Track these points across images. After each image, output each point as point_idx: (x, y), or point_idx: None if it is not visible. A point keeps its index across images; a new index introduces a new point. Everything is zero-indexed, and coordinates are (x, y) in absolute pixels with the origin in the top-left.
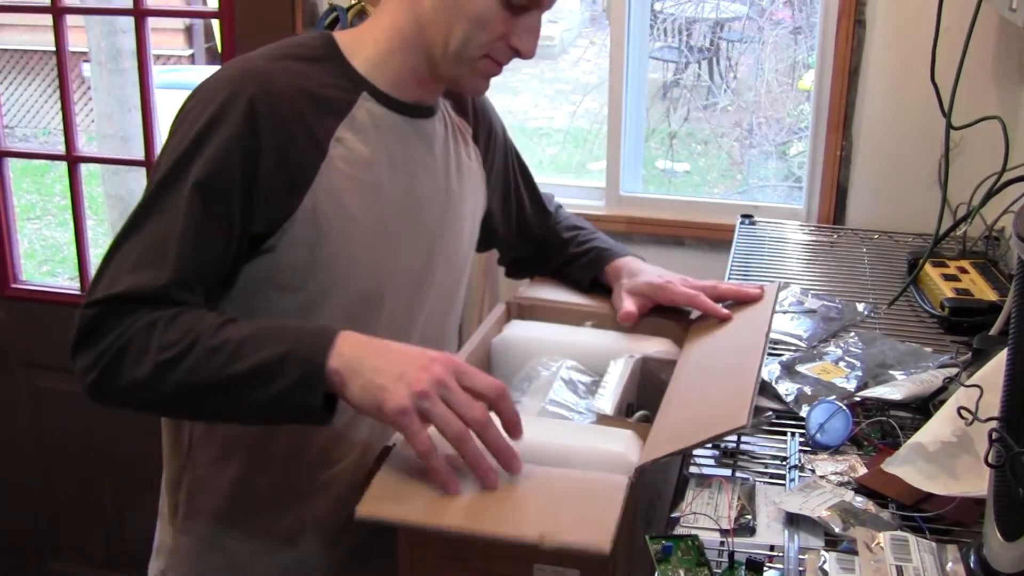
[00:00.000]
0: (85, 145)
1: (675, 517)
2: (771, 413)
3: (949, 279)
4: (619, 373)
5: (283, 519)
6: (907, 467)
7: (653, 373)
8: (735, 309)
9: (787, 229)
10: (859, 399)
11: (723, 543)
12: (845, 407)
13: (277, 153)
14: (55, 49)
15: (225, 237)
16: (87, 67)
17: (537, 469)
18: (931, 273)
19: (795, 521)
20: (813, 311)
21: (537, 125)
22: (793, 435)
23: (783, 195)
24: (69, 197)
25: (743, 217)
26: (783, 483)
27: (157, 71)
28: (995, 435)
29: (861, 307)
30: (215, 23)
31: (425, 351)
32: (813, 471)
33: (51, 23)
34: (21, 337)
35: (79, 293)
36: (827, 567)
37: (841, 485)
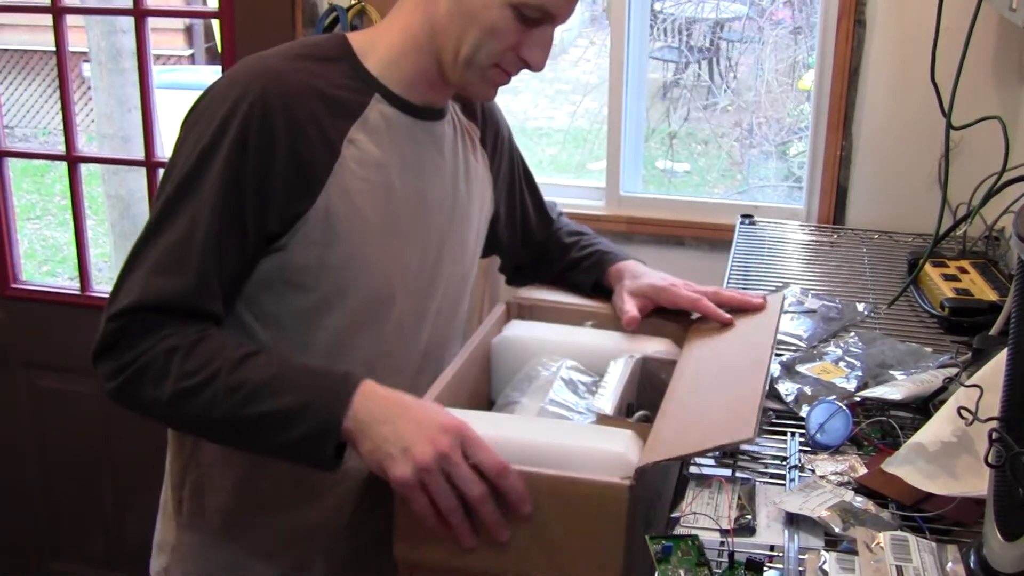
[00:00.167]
0: (85, 145)
1: (675, 517)
2: (771, 413)
3: (949, 279)
4: (619, 373)
5: (287, 518)
6: (907, 467)
7: (653, 373)
8: (737, 316)
9: (787, 229)
10: (859, 399)
11: (723, 543)
12: (845, 407)
13: (290, 152)
14: (55, 49)
15: (243, 237)
16: (87, 67)
17: (535, 482)
18: (931, 273)
19: (795, 521)
20: (813, 311)
21: (537, 125)
22: (793, 435)
23: (783, 195)
24: (69, 197)
25: (743, 217)
26: (783, 483)
27: (157, 71)
28: (995, 435)
29: (861, 307)
30: (215, 23)
31: (437, 417)
32: (813, 471)
33: (51, 23)
34: (21, 337)
35: (79, 293)
36: (827, 567)
37: (841, 485)
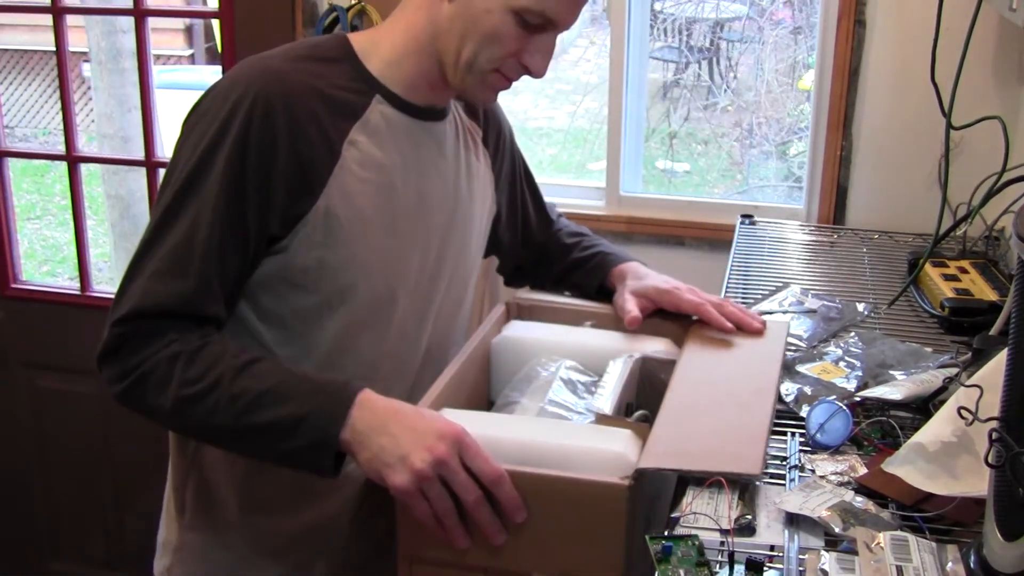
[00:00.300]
0: (85, 145)
1: (675, 517)
2: None
3: (949, 279)
4: (618, 373)
5: (289, 520)
6: (907, 467)
7: (652, 373)
8: (738, 333)
9: (787, 229)
10: (859, 399)
11: (723, 543)
12: (845, 407)
13: (292, 152)
14: (55, 49)
15: (244, 237)
16: (87, 67)
17: (535, 483)
18: (931, 273)
19: (795, 521)
20: (813, 311)
21: (537, 125)
22: (793, 435)
23: (783, 195)
24: (69, 197)
25: (743, 217)
26: (783, 483)
27: (157, 71)
28: (995, 435)
29: (861, 307)
30: (215, 23)
31: (434, 424)
32: (813, 471)
33: (51, 23)
34: (21, 337)
35: (79, 293)
36: (827, 567)
37: (841, 485)
